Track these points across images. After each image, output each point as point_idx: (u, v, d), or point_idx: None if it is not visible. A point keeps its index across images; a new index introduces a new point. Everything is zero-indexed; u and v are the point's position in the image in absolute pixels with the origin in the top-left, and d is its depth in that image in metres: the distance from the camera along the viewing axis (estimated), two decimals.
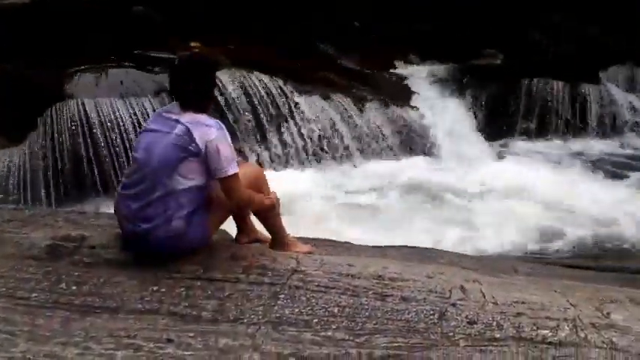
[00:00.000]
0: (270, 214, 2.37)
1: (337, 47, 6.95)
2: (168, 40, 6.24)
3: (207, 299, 2.02)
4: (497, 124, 6.25)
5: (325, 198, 4.99)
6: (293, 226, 4.28)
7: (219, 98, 5.54)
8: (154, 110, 5.27)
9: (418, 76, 6.53)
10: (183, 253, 2.17)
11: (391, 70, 6.79)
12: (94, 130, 5.08)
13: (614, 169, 5.72)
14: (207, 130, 2.12)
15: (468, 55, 6.67)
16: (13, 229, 2.42)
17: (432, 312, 2.04)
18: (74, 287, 2.03)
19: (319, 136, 5.77)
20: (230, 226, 2.48)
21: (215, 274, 2.13)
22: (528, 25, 6.80)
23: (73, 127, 5.04)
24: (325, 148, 5.76)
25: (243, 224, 2.44)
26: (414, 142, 5.90)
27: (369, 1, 7.11)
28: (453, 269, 2.66)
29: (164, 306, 1.98)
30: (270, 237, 2.44)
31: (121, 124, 5.11)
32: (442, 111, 6.09)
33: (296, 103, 5.79)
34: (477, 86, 6.38)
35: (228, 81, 5.65)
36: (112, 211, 2.30)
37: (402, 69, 6.77)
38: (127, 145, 4.96)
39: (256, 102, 5.67)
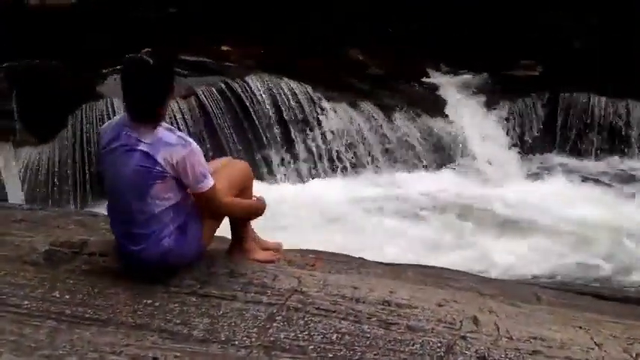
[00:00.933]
0: (245, 218, 2.24)
1: (367, 53, 6.83)
2: (195, 42, 6.28)
3: (200, 317, 1.94)
4: (533, 139, 5.96)
5: (347, 207, 4.88)
6: (309, 234, 4.21)
7: (247, 103, 5.51)
8: (181, 111, 5.32)
9: (450, 85, 6.32)
10: (179, 266, 2.10)
11: (422, 79, 6.61)
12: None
13: None
14: (171, 151, 1.96)
15: (503, 66, 6.42)
16: (19, 231, 2.41)
17: (438, 344, 1.89)
18: (67, 296, 1.98)
19: (346, 144, 5.66)
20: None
21: (212, 290, 2.05)
22: (570, 35, 6.49)
23: (101, 126, 5.10)
24: (352, 156, 5.64)
25: (238, 231, 2.31)
26: (443, 154, 5.71)
27: (401, 7, 6.97)
28: (469, 296, 2.50)
29: (155, 321, 1.90)
30: (238, 240, 2.28)
31: None
32: (475, 123, 5.86)
33: (323, 110, 5.70)
34: (513, 98, 6.11)
35: (257, 86, 5.61)
36: None
37: (433, 78, 6.58)
38: None
39: (284, 108, 5.61)
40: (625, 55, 6.19)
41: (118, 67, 5.54)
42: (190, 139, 2.04)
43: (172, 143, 1.97)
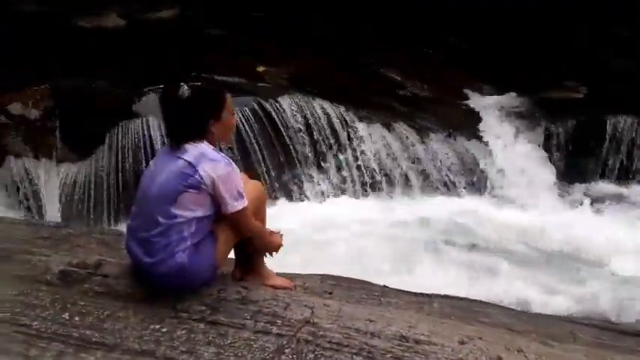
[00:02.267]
0: (262, 248, 2.22)
1: (402, 73, 6.74)
2: (232, 63, 6.37)
3: (206, 345, 1.88)
4: (576, 166, 5.63)
5: (376, 230, 4.74)
6: (334, 256, 4.11)
7: (278, 122, 5.52)
8: None
9: (488, 107, 6.10)
10: (190, 286, 2.07)
11: (459, 100, 6.44)
12: (156, 148, 5.21)
13: None
14: (213, 165, 2.01)
15: (544, 87, 6.17)
16: (40, 249, 2.43)
17: None
18: (77, 318, 1.96)
19: (378, 165, 5.55)
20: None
21: (220, 318, 1.99)
22: (616, 56, 6.19)
23: (136, 145, 5.21)
24: (384, 178, 5.53)
25: (246, 258, 2.27)
26: (479, 178, 5.49)
27: (439, 26, 6.87)
28: (496, 332, 2.34)
29: (161, 348, 1.86)
30: (247, 266, 2.25)
31: None
32: (513, 147, 5.61)
33: (355, 131, 5.63)
34: (555, 122, 5.82)
35: (289, 106, 5.61)
36: None
37: (471, 99, 6.40)
38: None
39: (315, 128, 5.58)
40: None
41: (156, 86, 5.74)
42: (231, 161, 2.10)
43: (216, 159, 2.03)
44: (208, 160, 2.02)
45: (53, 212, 5.00)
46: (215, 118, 2.09)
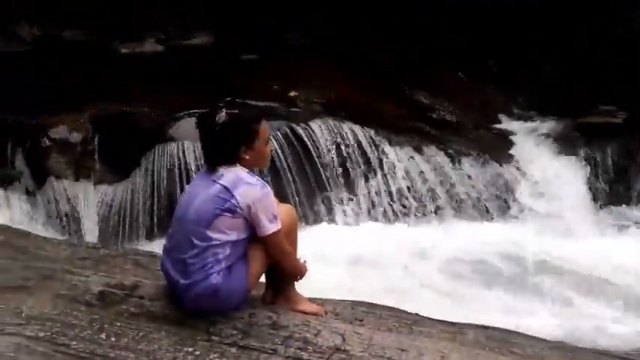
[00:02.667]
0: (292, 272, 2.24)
1: (434, 96, 6.73)
2: (266, 88, 6.49)
3: None
4: (615, 191, 5.48)
5: (408, 256, 4.69)
6: (365, 282, 4.07)
7: (309, 146, 5.57)
8: None
9: (522, 131, 6.02)
10: (223, 308, 2.10)
11: (492, 124, 6.38)
12: (190, 172, 5.33)
13: None
14: (249, 189, 2.06)
15: (580, 111, 6.04)
16: (78, 270, 2.51)
17: None
18: (113, 339, 2.01)
19: (409, 190, 5.52)
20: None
21: (252, 342, 2.00)
22: None
23: (171, 168, 5.34)
24: (415, 202, 5.49)
25: (276, 282, 2.29)
26: (514, 204, 5.38)
27: (468, 50, 6.85)
28: None
29: None
30: (282, 289, 2.27)
31: None
32: (549, 172, 5.50)
33: (386, 155, 5.63)
34: (592, 147, 5.69)
35: (320, 130, 5.67)
36: None
37: (504, 123, 6.32)
38: None
39: (346, 152, 5.61)
40: None
41: (191, 110, 5.90)
42: (266, 185, 2.15)
43: (252, 183, 2.08)
44: (244, 183, 2.07)
45: (90, 232, 5.15)
46: (247, 146, 2.13)
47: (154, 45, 11.82)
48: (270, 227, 2.07)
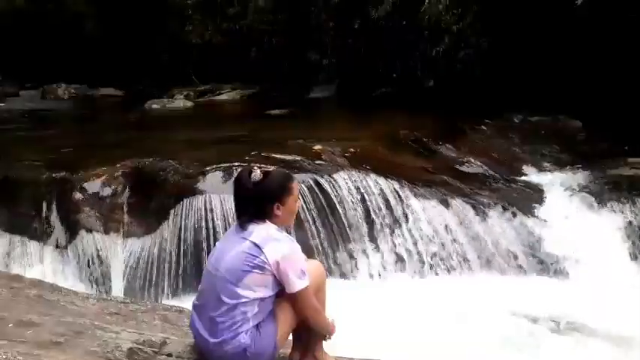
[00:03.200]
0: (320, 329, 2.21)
1: (459, 148, 6.75)
2: (292, 143, 6.62)
3: None
4: None
5: (434, 312, 4.56)
6: (393, 341, 3.95)
7: (334, 199, 5.60)
8: None
9: (550, 184, 5.95)
10: None
11: (519, 176, 6.33)
12: (217, 225, 5.38)
13: None
14: (278, 246, 2.09)
15: (610, 164, 5.97)
16: (107, 325, 2.53)
17: None
18: None
19: (435, 242, 5.45)
20: None
21: None
22: None
23: (198, 221, 5.40)
24: (441, 256, 5.40)
25: (301, 340, 2.26)
26: (544, 259, 5.24)
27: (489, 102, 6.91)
28: None
29: None
30: (310, 348, 2.25)
31: None
32: (580, 226, 5.36)
33: (410, 207, 5.61)
34: (624, 199, 5.57)
35: (344, 182, 5.71)
36: None
37: (531, 175, 6.27)
38: None
39: (370, 204, 5.61)
40: None
41: (220, 164, 6.04)
42: (294, 240, 2.19)
43: (280, 239, 2.12)
44: (273, 240, 2.10)
45: (118, 286, 5.19)
46: (281, 203, 2.18)
47: (183, 101, 12.33)
48: (299, 283, 2.08)
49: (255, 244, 2.09)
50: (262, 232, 2.12)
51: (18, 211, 5.53)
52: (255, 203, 2.15)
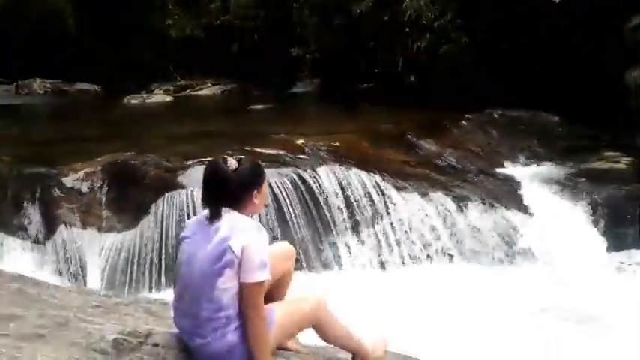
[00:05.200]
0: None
1: (439, 143, 6.84)
2: (275, 137, 6.62)
3: None
4: (620, 234, 5.49)
5: (415, 302, 4.63)
6: (369, 333, 3.99)
7: (316, 192, 5.62)
8: None
9: (527, 177, 6.08)
10: None
11: (497, 170, 6.45)
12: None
13: None
14: (245, 234, 2.03)
15: (585, 158, 6.12)
16: (91, 317, 2.51)
17: None
18: None
19: (415, 234, 5.52)
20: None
21: None
22: None
23: (180, 216, 5.37)
24: (421, 248, 5.48)
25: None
26: (520, 248, 5.38)
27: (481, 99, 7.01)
28: None
29: None
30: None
31: None
32: (554, 216, 5.52)
33: (392, 201, 5.67)
34: (596, 191, 5.73)
35: (327, 177, 5.74)
36: None
37: (509, 168, 6.39)
38: None
39: (352, 198, 5.65)
40: None
41: (200, 159, 6.00)
42: (262, 228, 2.13)
43: (247, 227, 2.06)
44: (240, 229, 2.03)
45: (97, 280, 5.13)
46: (259, 190, 2.15)
47: (162, 96, 12.19)
48: (257, 275, 1.99)
49: (225, 238, 2.01)
50: (232, 222, 2.05)
51: None
52: (234, 192, 2.08)
